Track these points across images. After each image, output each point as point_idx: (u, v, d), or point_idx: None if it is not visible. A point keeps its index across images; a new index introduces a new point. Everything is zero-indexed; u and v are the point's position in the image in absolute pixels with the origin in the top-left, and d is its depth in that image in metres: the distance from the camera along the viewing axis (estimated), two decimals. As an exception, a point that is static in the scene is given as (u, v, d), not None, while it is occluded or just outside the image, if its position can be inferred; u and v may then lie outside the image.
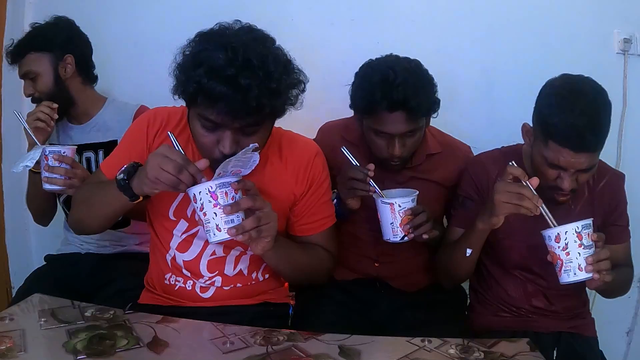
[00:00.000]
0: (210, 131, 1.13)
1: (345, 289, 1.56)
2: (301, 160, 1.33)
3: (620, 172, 1.46)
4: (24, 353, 0.98)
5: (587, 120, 1.17)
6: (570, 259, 1.13)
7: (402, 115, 1.35)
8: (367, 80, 1.38)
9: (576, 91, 1.21)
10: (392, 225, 1.34)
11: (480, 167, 1.47)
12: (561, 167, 1.22)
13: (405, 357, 1.05)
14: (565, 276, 1.15)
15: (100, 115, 1.74)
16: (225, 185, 1.05)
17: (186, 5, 1.96)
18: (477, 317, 1.53)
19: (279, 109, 1.15)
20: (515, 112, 1.57)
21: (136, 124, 1.35)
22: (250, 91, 1.04)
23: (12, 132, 2.14)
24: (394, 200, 1.33)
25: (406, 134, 1.39)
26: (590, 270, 1.12)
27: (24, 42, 1.64)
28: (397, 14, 1.92)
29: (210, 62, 1.06)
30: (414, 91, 1.33)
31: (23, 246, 2.22)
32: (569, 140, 1.18)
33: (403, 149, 1.41)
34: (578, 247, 1.12)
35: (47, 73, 1.65)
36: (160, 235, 1.34)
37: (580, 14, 1.87)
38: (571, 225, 1.13)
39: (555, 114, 1.19)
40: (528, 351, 1.09)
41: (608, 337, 1.56)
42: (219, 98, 1.05)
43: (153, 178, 1.08)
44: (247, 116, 1.08)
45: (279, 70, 1.10)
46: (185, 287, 1.32)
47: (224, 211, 1.05)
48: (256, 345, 1.08)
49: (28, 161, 1.50)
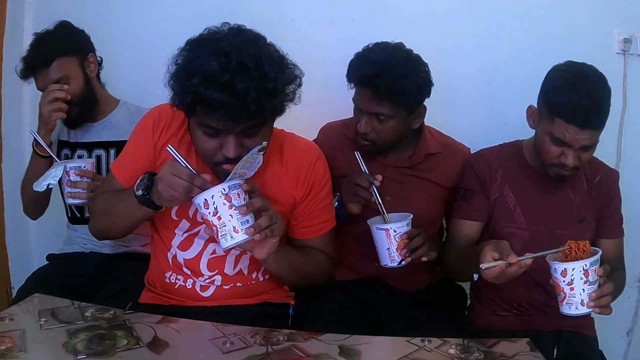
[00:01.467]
0: (212, 137, 1.13)
1: (345, 289, 1.56)
2: (302, 164, 1.33)
3: (615, 170, 1.53)
4: (24, 353, 0.98)
5: (591, 101, 1.27)
6: (573, 294, 1.13)
7: (368, 92, 1.40)
8: (357, 54, 1.47)
9: (581, 74, 1.30)
10: (388, 251, 1.35)
11: (482, 160, 1.50)
12: (566, 144, 1.30)
13: (405, 357, 1.05)
14: (567, 308, 1.15)
15: (113, 114, 1.74)
16: (236, 187, 1.06)
17: (186, 5, 1.96)
18: (477, 317, 1.54)
19: (279, 108, 1.15)
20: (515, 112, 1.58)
21: (142, 123, 1.35)
22: (248, 95, 1.04)
23: (12, 132, 2.14)
24: (389, 226, 1.34)
25: (377, 116, 1.42)
26: (592, 307, 1.12)
27: (47, 50, 1.62)
28: (397, 14, 1.92)
29: (204, 70, 1.05)
30: (385, 72, 1.36)
31: (23, 246, 2.22)
32: (575, 117, 1.27)
33: (369, 129, 1.44)
34: (583, 283, 1.12)
35: (78, 75, 1.66)
36: (162, 234, 1.35)
37: (580, 14, 1.87)
38: (579, 263, 1.12)
39: (562, 94, 1.29)
40: (528, 351, 1.10)
41: (608, 337, 1.57)
42: (217, 105, 1.04)
43: (169, 197, 1.10)
44: (248, 120, 1.08)
45: (274, 69, 1.09)
46: (186, 286, 1.32)
47: (240, 212, 1.05)
48: (256, 345, 1.08)
49: (51, 179, 1.52)
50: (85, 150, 1.73)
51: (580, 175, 1.46)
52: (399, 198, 1.52)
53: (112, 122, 1.73)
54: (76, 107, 1.64)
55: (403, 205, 1.49)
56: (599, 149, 1.39)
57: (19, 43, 2.09)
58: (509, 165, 1.48)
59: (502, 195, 1.47)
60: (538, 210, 1.44)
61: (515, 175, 1.47)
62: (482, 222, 1.48)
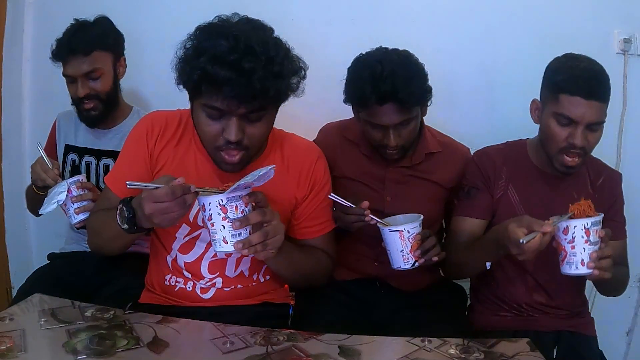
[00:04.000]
0: (215, 120, 1.13)
1: (345, 289, 1.56)
2: (303, 164, 1.33)
3: (618, 172, 1.52)
4: (24, 353, 0.98)
5: (592, 73, 1.31)
6: (574, 252, 1.16)
7: (393, 107, 1.36)
8: (357, 74, 1.41)
9: (580, 56, 1.36)
10: (402, 253, 1.33)
11: (486, 157, 1.50)
12: (573, 121, 1.31)
13: (405, 357, 1.05)
14: (567, 267, 1.18)
15: (125, 123, 1.73)
16: (237, 198, 1.04)
17: (186, 5, 1.96)
18: (477, 317, 1.53)
19: (283, 93, 1.15)
20: (515, 112, 1.58)
21: (134, 133, 1.32)
22: (254, 74, 1.05)
23: (12, 132, 2.14)
24: (403, 227, 1.31)
25: (401, 124, 1.40)
26: (592, 267, 1.15)
27: (91, 38, 1.60)
28: (397, 14, 1.92)
29: (213, 50, 1.07)
30: (403, 82, 1.34)
31: (23, 246, 2.22)
32: (578, 88, 1.29)
33: (398, 139, 1.42)
34: (584, 242, 1.15)
35: (110, 73, 1.66)
36: (161, 238, 1.34)
37: (580, 14, 1.88)
38: (581, 220, 1.15)
39: (562, 71, 1.33)
40: (528, 351, 1.09)
41: (608, 337, 1.56)
42: (223, 83, 1.06)
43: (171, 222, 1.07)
44: (253, 100, 1.09)
45: (281, 55, 1.11)
46: (186, 288, 1.32)
47: (233, 226, 1.04)
48: (256, 345, 1.08)
49: (59, 195, 1.48)
50: (94, 157, 1.73)
51: (584, 177, 1.46)
52: (399, 198, 1.53)
53: (125, 131, 1.66)
54: (101, 103, 1.64)
55: (403, 205, 1.49)
56: (599, 149, 1.39)
57: (19, 43, 2.09)
58: (514, 164, 1.48)
59: (506, 194, 1.46)
60: (541, 210, 1.42)
61: (520, 174, 1.47)
62: (485, 220, 1.47)
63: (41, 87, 2.10)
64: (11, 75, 2.01)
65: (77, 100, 1.65)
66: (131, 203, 1.10)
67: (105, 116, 1.69)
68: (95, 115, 1.66)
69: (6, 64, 2.01)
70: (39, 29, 2.08)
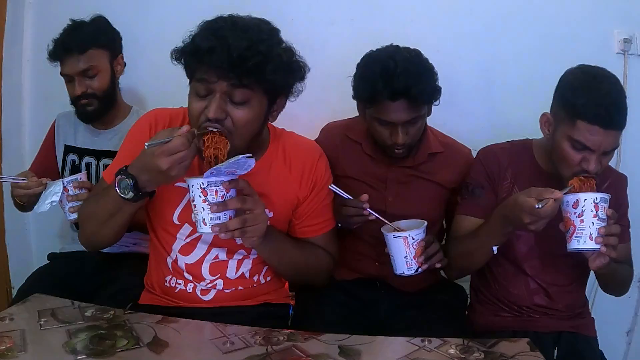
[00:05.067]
0: (201, 98, 1.14)
1: (345, 289, 1.55)
2: (305, 163, 1.33)
3: (623, 174, 1.50)
4: (24, 353, 0.98)
5: (612, 100, 1.24)
6: (583, 226, 1.17)
7: (404, 104, 1.36)
8: (369, 70, 1.40)
9: (598, 75, 1.28)
10: (405, 259, 1.33)
11: (492, 155, 1.49)
12: (588, 148, 1.26)
13: (405, 357, 1.05)
14: (575, 242, 1.18)
15: (124, 123, 1.73)
16: (217, 183, 1.08)
17: (186, 5, 1.96)
18: (477, 317, 1.53)
19: (268, 75, 1.12)
20: (515, 112, 1.58)
21: (136, 127, 1.32)
22: (234, 43, 1.08)
23: (12, 132, 2.14)
24: (407, 234, 1.32)
25: (409, 122, 1.40)
26: (600, 242, 1.15)
27: (86, 36, 1.61)
28: (397, 14, 1.92)
29: (208, 25, 1.13)
30: (415, 79, 1.34)
31: (23, 246, 2.22)
32: (598, 117, 1.23)
33: (406, 137, 1.42)
34: (593, 217, 1.16)
35: (107, 71, 1.66)
36: (162, 239, 1.33)
37: (580, 14, 1.87)
38: (591, 194, 1.17)
39: (582, 95, 1.25)
40: (528, 351, 1.09)
41: (608, 337, 1.56)
42: (205, 51, 1.09)
43: (184, 171, 1.09)
44: (232, 69, 1.09)
45: (274, 41, 1.14)
46: (186, 290, 1.32)
47: (211, 209, 1.08)
48: (256, 345, 1.08)
49: (53, 196, 1.50)
50: (94, 158, 1.73)
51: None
52: (400, 198, 1.53)
53: (124, 131, 1.67)
54: (98, 101, 1.64)
55: (405, 205, 1.49)
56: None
57: (19, 43, 2.09)
58: (519, 164, 1.46)
59: (510, 195, 1.45)
60: None
61: (525, 175, 1.45)
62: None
63: (41, 87, 2.10)
64: (11, 75, 2.01)
65: (75, 99, 1.66)
66: (128, 171, 1.12)
67: (103, 114, 1.69)
68: (92, 110, 1.67)
69: (6, 64, 2.01)
70: (39, 29, 2.07)
